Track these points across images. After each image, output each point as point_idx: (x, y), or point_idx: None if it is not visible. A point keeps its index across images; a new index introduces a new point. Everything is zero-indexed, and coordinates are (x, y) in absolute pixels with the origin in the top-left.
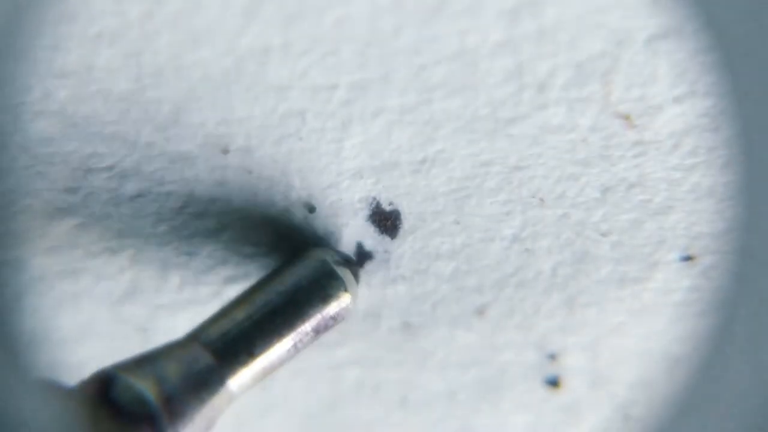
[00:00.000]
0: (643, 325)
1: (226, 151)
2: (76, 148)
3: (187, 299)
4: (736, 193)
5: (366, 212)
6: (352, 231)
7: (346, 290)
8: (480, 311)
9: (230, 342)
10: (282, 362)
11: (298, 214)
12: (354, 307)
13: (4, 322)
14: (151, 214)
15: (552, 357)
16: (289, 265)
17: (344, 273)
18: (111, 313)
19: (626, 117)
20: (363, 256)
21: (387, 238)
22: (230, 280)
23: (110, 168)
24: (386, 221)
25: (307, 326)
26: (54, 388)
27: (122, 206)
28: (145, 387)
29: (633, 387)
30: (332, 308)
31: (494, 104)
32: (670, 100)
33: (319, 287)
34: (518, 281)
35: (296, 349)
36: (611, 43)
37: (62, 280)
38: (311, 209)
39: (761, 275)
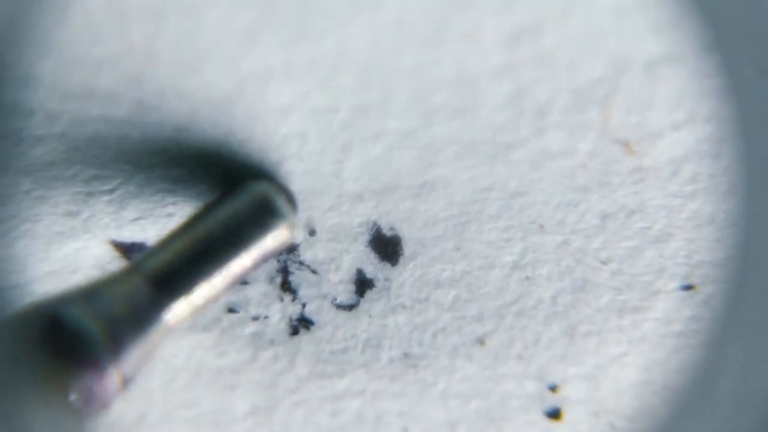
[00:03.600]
0: (644, 355)
1: (228, 173)
2: (77, 171)
3: (187, 326)
4: (736, 220)
5: (366, 237)
6: (353, 257)
7: (286, 223)
8: (480, 341)
9: (170, 275)
10: (219, 296)
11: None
12: (293, 239)
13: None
14: (153, 236)
15: (552, 388)
16: (228, 196)
17: (284, 205)
18: None
19: (625, 143)
20: (364, 285)
21: (387, 265)
22: (231, 308)
23: (111, 191)
24: (387, 247)
25: (246, 260)
26: None
27: (123, 229)
28: (95, 329)
29: (633, 418)
30: (271, 241)
31: (494, 128)
32: (670, 126)
33: (260, 221)
34: (518, 310)
35: (234, 282)
36: (610, 69)
37: None
38: (311, 232)
39: (760, 303)
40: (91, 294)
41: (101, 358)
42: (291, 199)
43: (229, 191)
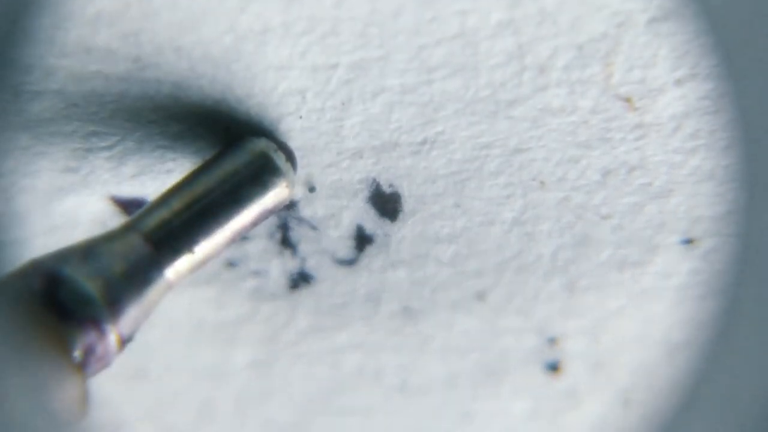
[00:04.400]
0: (644, 309)
1: (227, 129)
2: (76, 127)
3: (187, 281)
4: (736, 176)
5: (366, 194)
6: (353, 213)
7: (285, 180)
8: (480, 295)
9: (170, 233)
10: (219, 253)
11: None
12: (292, 195)
13: None
14: (152, 192)
15: (552, 341)
16: (227, 153)
17: (283, 163)
18: None
19: (627, 99)
20: (363, 240)
21: (387, 221)
22: (231, 263)
23: (110, 147)
24: (386, 204)
25: (245, 217)
26: None
27: (123, 185)
28: (94, 289)
29: (633, 371)
30: (271, 199)
31: (495, 86)
32: (671, 83)
33: (259, 178)
34: (518, 265)
35: (233, 240)
36: (612, 25)
37: None
38: (311, 189)
39: (762, 258)
40: (89, 252)
41: (100, 318)
42: (290, 156)
43: (228, 148)
